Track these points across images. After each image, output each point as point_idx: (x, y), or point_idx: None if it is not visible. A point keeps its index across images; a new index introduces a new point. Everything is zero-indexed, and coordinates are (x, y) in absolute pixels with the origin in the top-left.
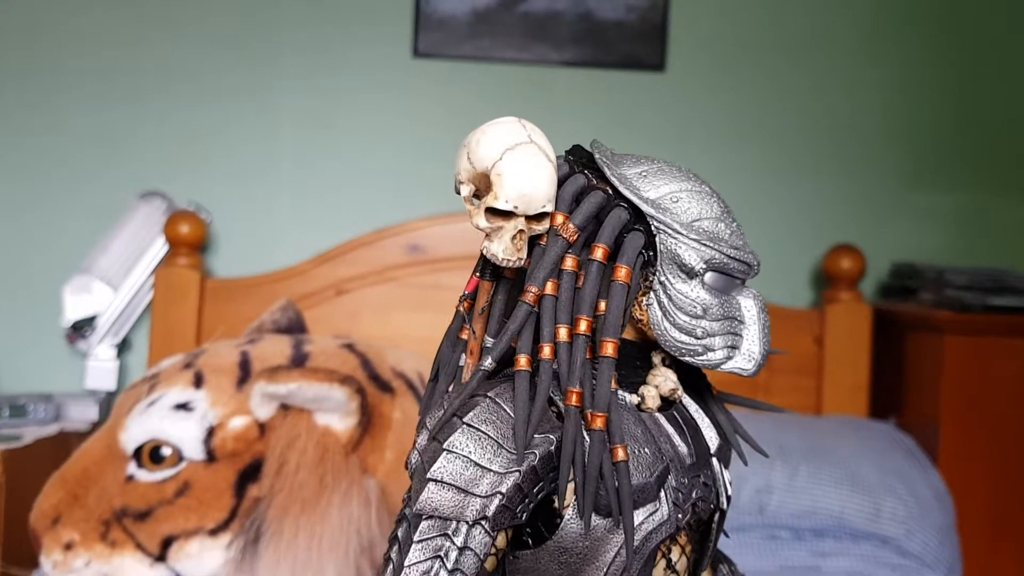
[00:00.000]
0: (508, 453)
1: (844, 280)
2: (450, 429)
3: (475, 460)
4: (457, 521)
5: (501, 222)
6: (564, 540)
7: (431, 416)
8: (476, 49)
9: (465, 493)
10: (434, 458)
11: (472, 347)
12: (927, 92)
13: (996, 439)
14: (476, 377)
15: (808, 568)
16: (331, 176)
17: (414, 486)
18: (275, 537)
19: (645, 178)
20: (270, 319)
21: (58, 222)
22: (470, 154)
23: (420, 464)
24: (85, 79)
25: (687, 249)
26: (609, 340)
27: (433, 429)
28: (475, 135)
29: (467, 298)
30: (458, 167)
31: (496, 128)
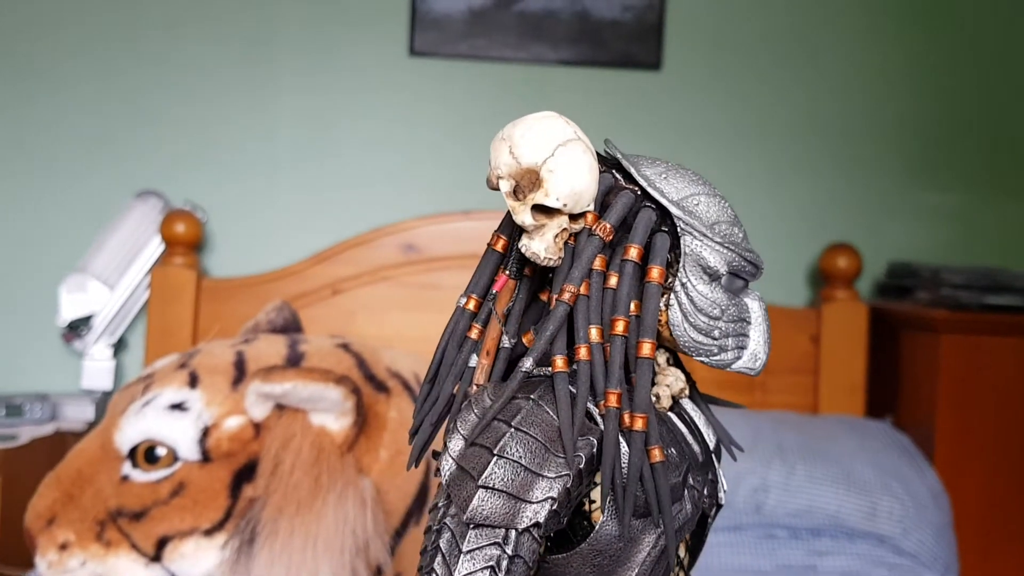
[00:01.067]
0: (556, 457)
1: (840, 279)
2: (495, 433)
3: (526, 465)
4: (508, 529)
5: (544, 220)
6: (598, 543)
7: (462, 420)
8: (472, 48)
9: (517, 499)
10: (482, 464)
11: (489, 347)
12: (923, 91)
13: (992, 438)
14: (517, 379)
15: (805, 567)
16: (327, 175)
17: (458, 494)
18: (270, 538)
19: (666, 179)
20: (265, 319)
21: (54, 221)
22: (513, 148)
23: (458, 471)
24: (81, 78)
25: (712, 252)
26: (647, 341)
27: (472, 434)
28: (518, 129)
29: (493, 298)
30: (497, 161)
31: (545, 123)
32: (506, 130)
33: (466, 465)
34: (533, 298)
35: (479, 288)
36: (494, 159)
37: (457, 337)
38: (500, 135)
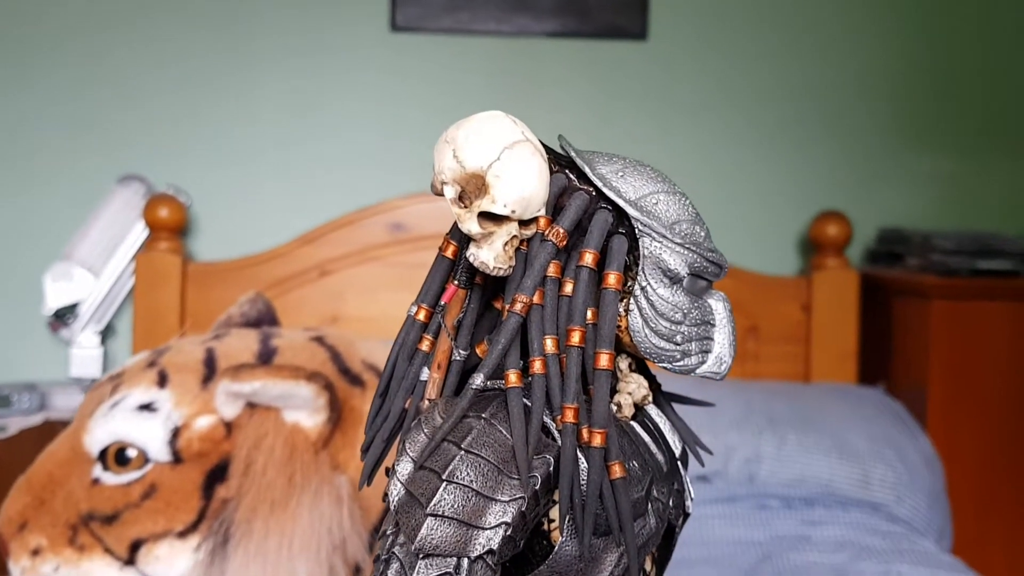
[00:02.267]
0: (509, 479)
1: (831, 247)
2: (445, 456)
3: (477, 489)
4: (459, 557)
5: (492, 227)
6: (558, 564)
7: (411, 441)
8: (455, 22)
9: (468, 527)
10: (431, 489)
11: (440, 360)
12: (912, 57)
13: (984, 403)
14: (468, 396)
15: (798, 537)
16: (311, 156)
17: (406, 521)
18: (244, 538)
19: (623, 178)
20: (238, 312)
21: (36, 209)
22: (457, 152)
23: (407, 497)
24: (61, 64)
25: (671, 253)
26: (604, 352)
27: (420, 457)
28: (461, 131)
29: (442, 309)
30: (440, 166)
31: (488, 125)
32: (449, 132)
33: (415, 491)
34: (487, 307)
35: (429, 297)
36: (437, 163)
37: (408, 349)
38: (443, 137)
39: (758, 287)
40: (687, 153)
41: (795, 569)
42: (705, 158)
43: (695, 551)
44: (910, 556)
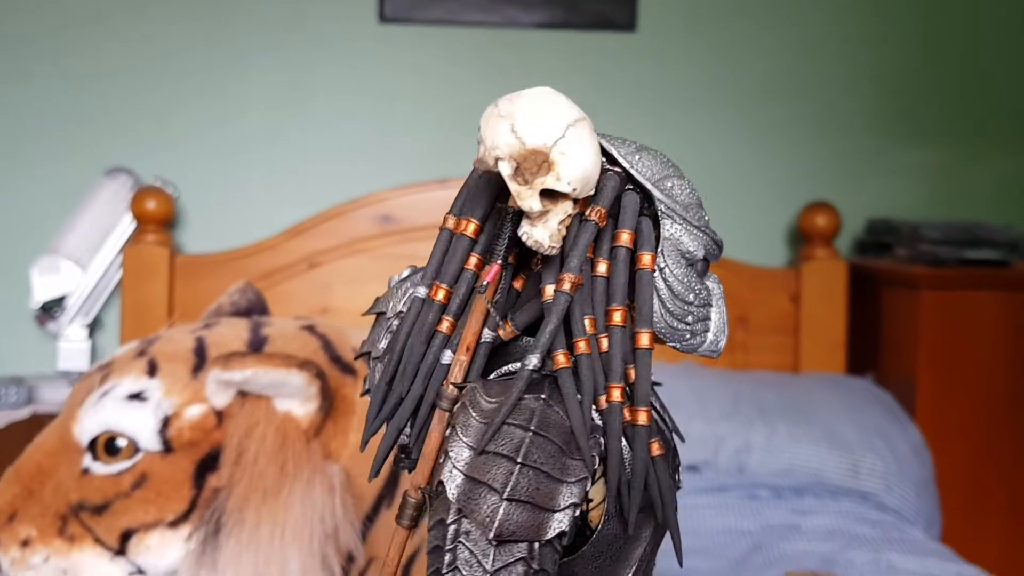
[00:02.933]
0: (572, 460)
1: (819, 237)
2: (510, 439)
3: (547, 472)
4: (532, 542)
5: (549, 205)
6: (599, 544)
7: (463, 426)
8: (444, 12)
9: (541, 510)
10: (503, 474)
11: (469, 342)
12: (900, 49)
13: (973, 392)
14: (524, 378)
15: (788, 527)
16: (299, 147)
17: (475, 508)
18: (236, 528)
19: (640, 161)
20: (228, 301)
21: (23, 202)
22: (516, 128)
23: (470, 483)
24: (47, 57)
25: (690, 236)
26: (645, 331)
27: (480, 441)
28: (519, 106)
29: (484, 288)
30: (495, 141)
31: (547, 101)
32: (502, 106)
33: (481, 476)
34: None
35: (448, 277)
36: (491, 138)
37: (424, 332)
38: (496, 111)
39: (747, 278)
40: (676, 145)
41: (785, 558)
42: (694, 150)
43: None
44: (899, 545)
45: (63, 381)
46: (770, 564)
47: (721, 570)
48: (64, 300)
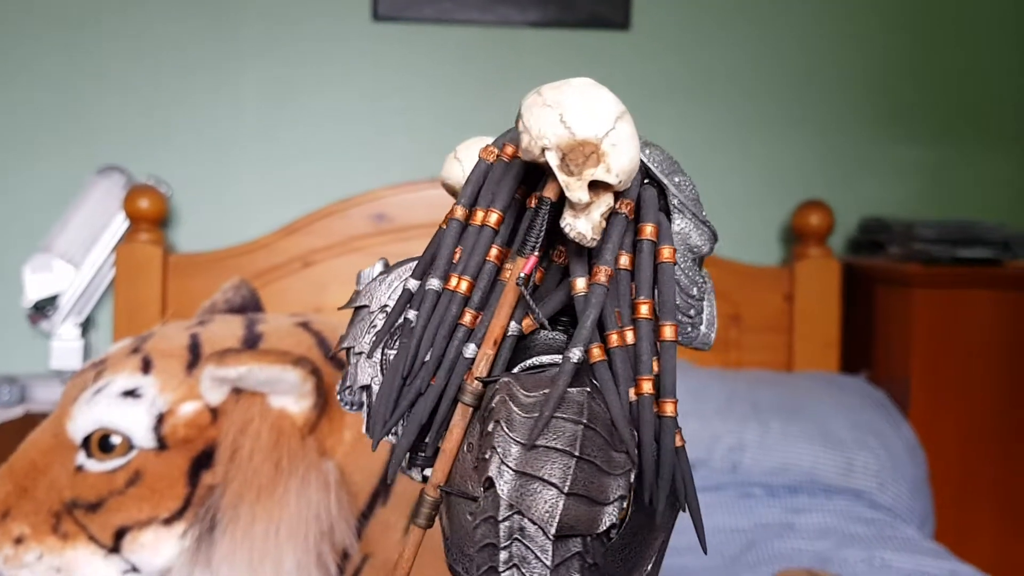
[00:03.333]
0: (616, 452)
1: (813, 236)
2: (562, 432)
3: (599, 465)
4: (586, 536)
5: (592, 197)
6: (626, 535)
7: (506, 420)
8: (438, 11)
9: (595, 503)
10: (560, 468)
11: (497, 335)
12: (893, 46)
13: (966, 391)
14: (567, 371)
15: (782, 525)
16: (293, 146)
17: (532, 504)
18: (231, 525)
19: (651, 155)
20: (222, 298)
21: (15, 201)
22: (566, 118)
23: (524, 478)
24: (40, 54)
25: (698, 231)
26: (670, 323)
27: (530, 436)
28: (566, 96)
29: (522, 280)
30: (542, 131)
31: (593, 92)
32: (549, 96)
33: (535, 471)
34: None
35: (471, 268)
36: (537, 127)
37: (447, 325)
38: (541, 100)
39: (741, 276)
40: (669, 143)
41: (779, 556)
42: (687, 148)
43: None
44: (893, 543)
45: (56, 380)
46: (764, 562)
47: (715, 568)
48: (57, 299)
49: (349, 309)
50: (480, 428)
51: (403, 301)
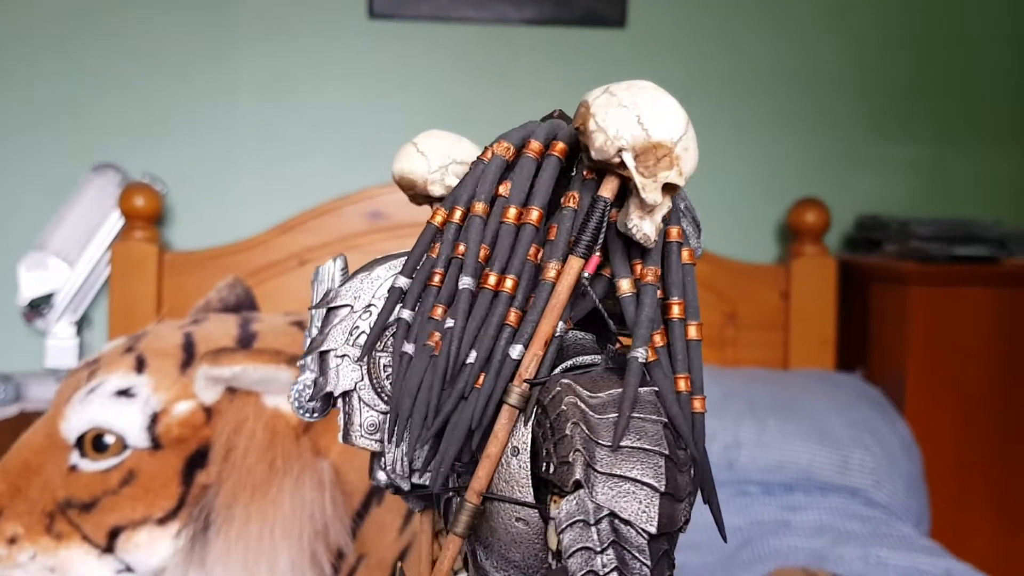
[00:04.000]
0: (680, 451)
1: (809, 234)
2: (645, 432)
3: (676, 462)
4: (671, 534)
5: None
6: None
7: (583, 422)
8: (434, 8)
9: (677, 501)
10: (655, 468)
11: (548, 335)
12: (889, 43)
13: (962, 389)
14: (635, 371)
15: (778, 523)
16: (289, 143)
17: (628, 507)
18: (225, 525)
19: None
20: (217, 297)
21: (10, 199)
22: (643, 119)
23: (613, 482)
24: (35, 51)
25: (696, 235)
26: (694, 323)
27: (616, 436)
28: (642, 97)
29: (590, 280)
30: (619, 131)
31: (663, 96)
32: (623, 96)
33: (626, 472)
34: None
35: (515, 267)
36: (615, 127)
37: (494, 325)
38: (617, 100)
39: (737, 274)
40: None
41: (775, 554)
42: None
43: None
44: (888, 540)
45: (51, 378)
46: (760, 559)
47: (711, 565)
48: (52, 297)
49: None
50: (540, 431)
51: (393, 300)
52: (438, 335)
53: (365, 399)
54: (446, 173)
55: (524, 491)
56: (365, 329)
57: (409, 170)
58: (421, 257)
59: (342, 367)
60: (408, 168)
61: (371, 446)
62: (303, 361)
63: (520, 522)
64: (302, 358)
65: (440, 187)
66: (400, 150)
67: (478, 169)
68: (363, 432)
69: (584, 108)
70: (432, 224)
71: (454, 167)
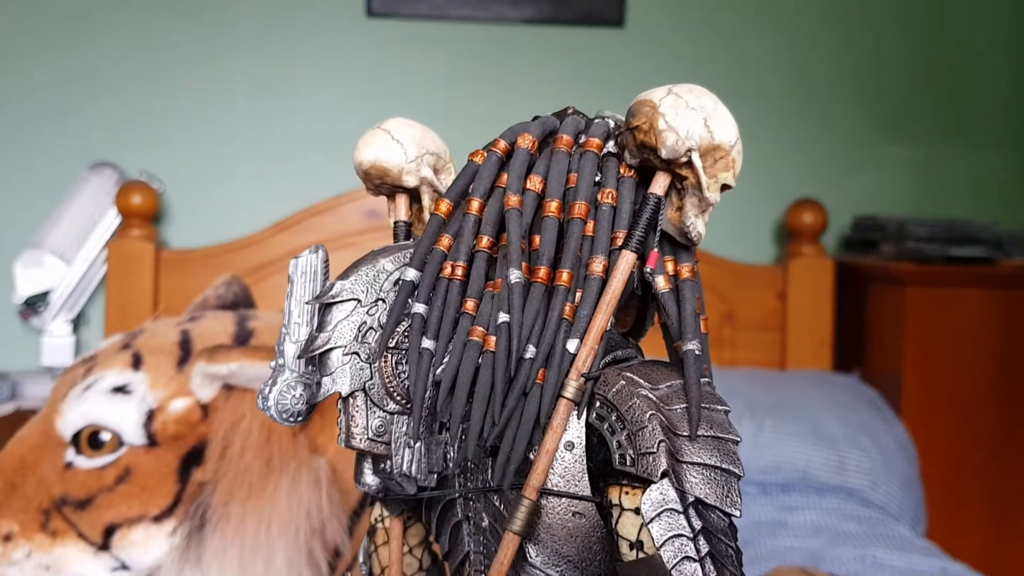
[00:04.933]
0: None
1: (806, 234)
2: (717, 420)
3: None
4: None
5: None
6: None
7: (659, 415)
8: (431, 7)
9: (738, 479)
10: (731, 454)
11: (603, 329)
12: (885, 46)
13: (958, 389)
14: (693, 363)
15: (775, 523)
16: (286, 142)
17: (721, 492)
18: (221, 522)
19: None
20: (214, 295)
21: (7, 196)
22: (709, 122)
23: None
24: (32, 50)
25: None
26: (703, 317)
27: (692, 427)
28: (705, 101)
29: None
30: (689, 131)
31: (722, 104)
32: (690, 99)
33: (711, 461)
34: None
35: (569, 261)
36: (685, 128)
37: (554, 320)
38: (684, 102)
39: (734, 275)
40: None
41: (772, 554)
42: None
43: None
44: (885, 541)
45: (47, 376)
46: (757, 560)
47: None
48: (48, 295)
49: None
50: (602, 424)
51: (406, 293)
52: (481, 329)
53: (375, 399)
54: (421, 163)
55: (581, 485)
56: (373, 325)
57: (385, 159)
58: (429, 249)
59: (351, 366)
60: (384, 157)
61: (377, 449)
62: (281, 360)
63: (577, 516)
64: (300, 355)
65: (415, 177)
66: (369, 137)
67: (491, 162)
68: (370, 434)
69: (649, 108)
70: (437, 215)
71: (428, 158)
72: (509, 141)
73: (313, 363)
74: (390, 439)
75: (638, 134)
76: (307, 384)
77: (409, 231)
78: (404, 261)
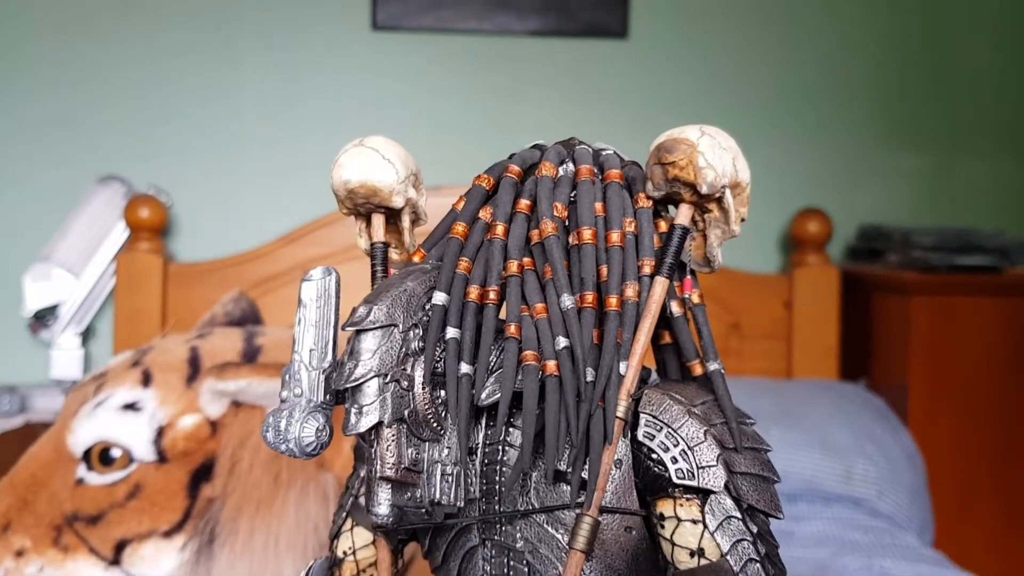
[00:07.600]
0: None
1: (812, 244)
2: (746, 434)
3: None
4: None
5: None
6: None
7: (700, 429)
8: (437, 20)
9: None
10: (767, 463)
11: (643, 351)
12: (891, 55)
13: (965, 398)
14: (721, 382)
15: (781, 533)
16: (293, 154)
17: (762, 497)
18: (230, 538)
19: None
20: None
21: (16, 210)
22: (736, 162)
23: (751, 481)
24: (39, 63)
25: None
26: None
27: (736, 440)
28: (731, 143)
29: (689, 300)
30: (724, 169)
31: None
32: (721, 139)
33: (755, 471)
34: None
35: (615, 287)
36: (721, 166)
37: (612, 344)
38: (717, 143)
39: (740, 284)
40: None
41: None
42: None
43: None
44: (892, 550)
45: (56, 389)
46: None
47: None
48: (57, 308)
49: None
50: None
51: (439, 318)
52: (533, 353)
53: (412, 427)
54: (408, 184)
55: (630, 500)
56: (410, 351)
57: (377, 179)
58: (454, 271)
59: (392, 394)
60: (376, 177)
61: (412, 479)
62: (298, 390)
63: (628, 530)
64: (334, 386)
65: (402, 198)
66: (355, 155)
67: (508, 186)
68: (406, 463)
69: (687, 146)
70: (456, 238)
71: (411, 178)
72: (521, 167)
73: (332, 392)
74: (423, 467)
75: (672, 169)
76: (327, 415)
77: (387, 252)
78: (430, 284)
